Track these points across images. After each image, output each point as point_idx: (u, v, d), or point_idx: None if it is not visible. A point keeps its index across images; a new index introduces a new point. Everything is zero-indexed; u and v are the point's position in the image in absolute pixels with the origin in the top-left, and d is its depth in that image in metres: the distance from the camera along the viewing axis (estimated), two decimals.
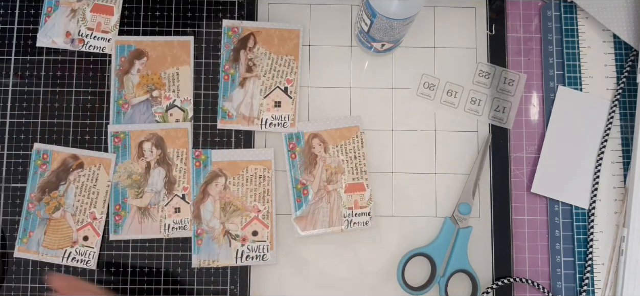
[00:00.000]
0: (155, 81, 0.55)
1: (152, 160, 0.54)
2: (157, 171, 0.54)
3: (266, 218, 0.53)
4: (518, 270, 0.54)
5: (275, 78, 0.55)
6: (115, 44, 0.55)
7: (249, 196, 0.53)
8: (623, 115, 0.56)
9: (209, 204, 0.53)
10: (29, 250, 0.53)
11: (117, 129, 0.54)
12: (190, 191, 0.54)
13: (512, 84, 0.57)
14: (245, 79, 0.55)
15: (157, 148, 0.54)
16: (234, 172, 0.54)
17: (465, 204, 0.54)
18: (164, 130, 0.54)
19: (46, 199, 0.53)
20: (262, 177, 0.54)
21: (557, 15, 0.58)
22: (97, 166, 0.54)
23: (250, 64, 0.55)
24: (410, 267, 0.54)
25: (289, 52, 0.56)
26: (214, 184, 0.54)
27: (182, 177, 0.54)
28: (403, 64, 0.57)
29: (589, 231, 0.54)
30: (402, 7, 0.47)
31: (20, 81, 0.55)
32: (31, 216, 0.53)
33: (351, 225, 0.54)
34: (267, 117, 0.55)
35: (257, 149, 0.55)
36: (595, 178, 0.55)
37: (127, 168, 0.54)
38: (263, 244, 0.53)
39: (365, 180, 0.54)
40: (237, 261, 0.53)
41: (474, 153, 0.56)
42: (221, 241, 0.53)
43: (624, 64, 0.56)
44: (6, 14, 0.56)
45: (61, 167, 0.54)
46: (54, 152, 0.54)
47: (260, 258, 0.53)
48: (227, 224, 0.53)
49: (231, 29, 0.56)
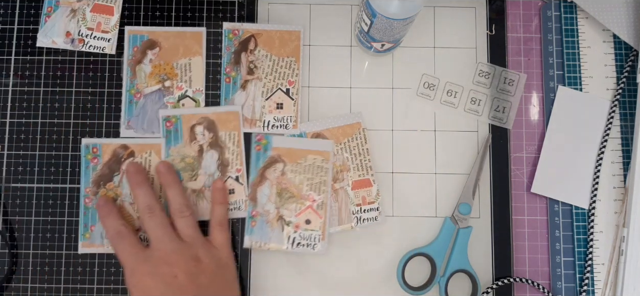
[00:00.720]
0: (167, 71, 0.55)
1: (204, 143, 0.54)
2: (209, 154, 0.54)
3: (320, 208, 0.53)
4: (518, 270, 0.54)
5: (276, 80, 0.56)
6: (127, 34, 0.56)
7: (305, 184, 0.54)
8: (623, 115, 0.56)
9: (265, 188, 0.54)
10: (93, 244, 0.53)
11: (169, 113, 0.54)
12: (243, 173, 0.54)
13: (512, 84, 0.57)
14: (246, 81, 0.55)
15: (209, 131, 0.54)
16: (293, 159, 0.54)
17: (465, 204, 0.54)
18: (215, 113, 0.54)
19: (102, 192, 0.53)
20: (320, 167, 0.54)
21: (557, 15, 0.58)
22: (148, 153, 0.54)
23: (251, 66, 0.56)
24: (410, 267, 0.54)
25: (290, 54, 0.56)
26: (272, 169, 0.54)
27: (234, 159, 0.54)
28: (403, 64, 0.57)
29: (589, 231, 0.54)
30: (402, 7, 0.47)
31: (20, 81, 0.55)
32: (90, 211, 0.53)
33: (361, 222, 0.54)
34: (269, 119, 0.55)
35: (317, 140, 0.55)
36: (595, 178, 0.55)
37: (180, 151, 0.54)
38: (315, 233, 0.53)
39: (371, 176, 0.54)
40: (287, 247, 0.53)
41: (474, 153, 0.56)
42: (274, 225, 0.53)
43: (624, 64, 0.56)
44: (6, 14, 0.56)
45: (112, 158, 0.54)
46: (103, 145, 0.54)
47: (311, 247, 0.53)
48: (282, 210, 0.53)
49: (232, 32, 0.56)
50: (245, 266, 0.54)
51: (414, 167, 0.56)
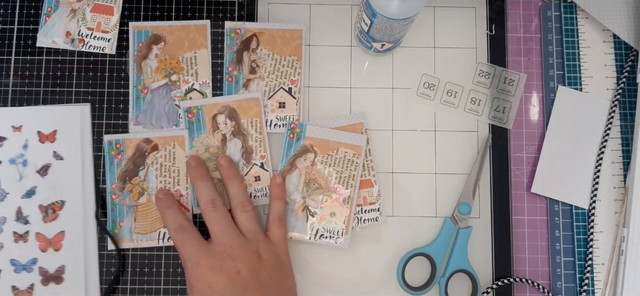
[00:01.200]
0: (173, 65, 0.55)
1: (227, 132, 0.54)
2: (233, 143, 0.54)
3: (346, 202, 0.53)
4: (518, 270, 0.54)
5: (278, 79, 0.56)
6: (132, 30, 0.56)
7: (334, 177, 0.54)
8: (623, 115, 0.56)
9: (294, 177, 0.54)
10: (122, 239, 0.53)
11: (190, 104, 0.54)
12: (267, 159, 0.54)
13: (512, 84, 0.57)
14: (248, 80, 0.55)
15: (231, 120, 0.54)
16: (324, 151, 0.54)
17: (465, 204, 0.54)
18: (235, 101, 0.54)
19: (128, 187, 0.53)
20: (351, 162, 0.54)
21: (557, 15, 0.58)
22: (172, 145, 0.54)
23: (253, 65, 0.56)
24: (410, 267, 0.54)
25: (292, 53, 0.56)
26: (302, 159, 0.54)
27: (258, 146, 0.54)
28: (403, 64, 0.57)
29: (589, 231, 0.54)
30: (402, 7, 0.47)
31: (20, 81, 0.55)
32: (117, 206, 0.53)
33: (362, 222, 0.54)
34: (272, 119, 0.55)
35: (351, 133, 0.54)
36: (595, 178, 0.55)
37: (203, 142, 0.54)
38: (338, 227, 0.53)
39: (373, 176, 0.54)
40: (310, 238, 0.53)
41: (474, 153, 0.56)
42: (299, 214, 0.53)
43: (624, 64, 0.56)
44: (6, 14, 0.56)
45: (136, 153, 0.54)
46: (126, 140, 0.54)
47: (334, 240, 0.53)
48: (308, 200, 0.53)
49: (233, 31, 0.56)
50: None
51: (414, 167, 0.56)
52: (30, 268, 0.50)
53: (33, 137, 0.51)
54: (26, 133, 0.51)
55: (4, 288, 0.50)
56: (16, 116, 0.52)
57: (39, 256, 0.51)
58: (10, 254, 0.50)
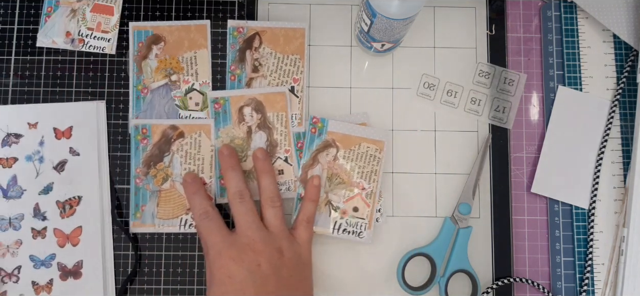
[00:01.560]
0: (173, 65, 0.55)
1: (252, 124, 0.54)
2: (258, 135, 0.54)
3: (369, 197, 0.53)
4: (518, 270, 0.54)
5: (281, 78, 0.56)
6: (132, 30, 0.56)
7: (356, 171, 0.54)
8: (623, 115, 0.56)
9: (316, 172, 0.54)
10: (144, 224, 0.53)
11: (217, 95, 0.54)
12: (292, 153, 0.54)
13: (512, 84, 0.57)
14: (251, 79, 0.55)
15: (257, 113, 0.54)
16: (347, 146, 0.54)
17: (465, 204, 0.54)
18: (262, 94, 0.55)
19: (153, 173, 0.54)
20: (373, 157, 0.54)
21: (557, 15, 0.58)
22: (198, 133, 0.54)
23: (256, 64, 0.56)
24: (410, 267, 0.54)
25: (294, 51, 0.56)
26: (325, 153, 0.54)
27: (283, 140, 0.54)
28: (403, 64, 0.57)
29: (589, 231, 0.54)
30: (402, 7, 0.47)
31: (20, 81, 0.55)
32: (140, 191, 0.53)
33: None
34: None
35: (373, 128, 0.55)
36: (595, 178, 0.55)
37: (229, 133, 0.54)
38: (361, 221, 0.53)
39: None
40: (333, 232, 0.53)
41: (474, 153, 0.56)
42: (322, 209, 0.53)
43: (624, 64, 0.56)
44: (6, 14, 0.56)
45: (162, 139, 0.54)
46: (153, 125, 0.54)
47: (357, 235, 0.53)
48: (331, 195, 0.54)
49: (236, 30, 0.56)
50: None
51: (414, 167, 0.56)
52: (49, 264, 0.51)
53: (49, 133, 0.52)
54: (42, 130, 0.52)
55: (24, 284, 0.50)
56: (32, 113, 0.52)
57: (57, 252, 0.52)
58: (29, 250, 0.51)
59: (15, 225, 0.50)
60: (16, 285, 0.50)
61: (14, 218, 0.50)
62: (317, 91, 0.56)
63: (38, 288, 0.50)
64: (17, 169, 0.51)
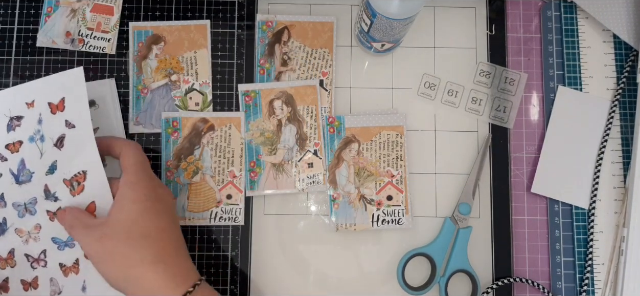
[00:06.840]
0: (173, 65, 0.55)
1: (283, 117, 0.55)
2: (288, 128, 0.54)
3: (400, 183, 0.54)
4: (518, 270, 0.54)
5: (310, 71, 0.56)
6: (132, 30, 0.56)
7: (382, 161, 0.54)
8: (623, 115, 0.56)
9: (343, 170, 0.54)
10: None
11: (247, 88, 0.55)
12: (321, 147, 0.54)
13: (512, 84, 0.57)
14: (280, 73, 0.56)
15: (288, 106, 0.55)
16: (367, 138, 0.54)
17: (465, 204, 0.54)
18: (293, 88, 0.55)
19: (183, 165, 0.54)
20: (395, 142, 0.54)
21: (557, 15, 0.58)
22: (228, 126, 0.54)
23: (285, 57, 0.56)
24: (410, 267, 0.54)
25: (323, 45, 0.56)
26: (347, 150, 0.54)
27: (312, 133, 0.54)
28: (403, 64, 0.57)
29: (589, 231, 0.54)
30: (402, 7, 0.47)
31: (20, 81, 0.55)
32: (171, 184, 0.54)
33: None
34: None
35: (389, 115, 0.55)
36: (595, 178, 0.55)
37: (259, 125, 0.54)
38: (398, 208, 0.54)
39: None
40: (373, 225, 0.53)
41: (474, 153, 0.56)
42: (357, 205, 0.54)
43: (624, 64, 0.56)
44: (6, 14, 0.56)
45: (192, 132, 0.54)
46: (183, 118, 0.54)
47: (396, 222, 0.54)
48: (362, 189, 0.54)
49: (265, 23, 0.56)
50: (245, 265, 0.54)
51: (414, 167, 0.56)
52: (72, 244, 0.49)
53: (45, 109, 0.50)
54: (39, 107, 0.50)
55: (53, 267, 0.49)
56: (27, 91, 0.50)
57: None
58: (50, 233, 0.49)
59: (31, 210, 0.50)
60: (45, 270, 0.49)
61: (28, 202, 0.50)
62: None
63: (66, 270, 0.49)
64: (24, 153, 0.50)
